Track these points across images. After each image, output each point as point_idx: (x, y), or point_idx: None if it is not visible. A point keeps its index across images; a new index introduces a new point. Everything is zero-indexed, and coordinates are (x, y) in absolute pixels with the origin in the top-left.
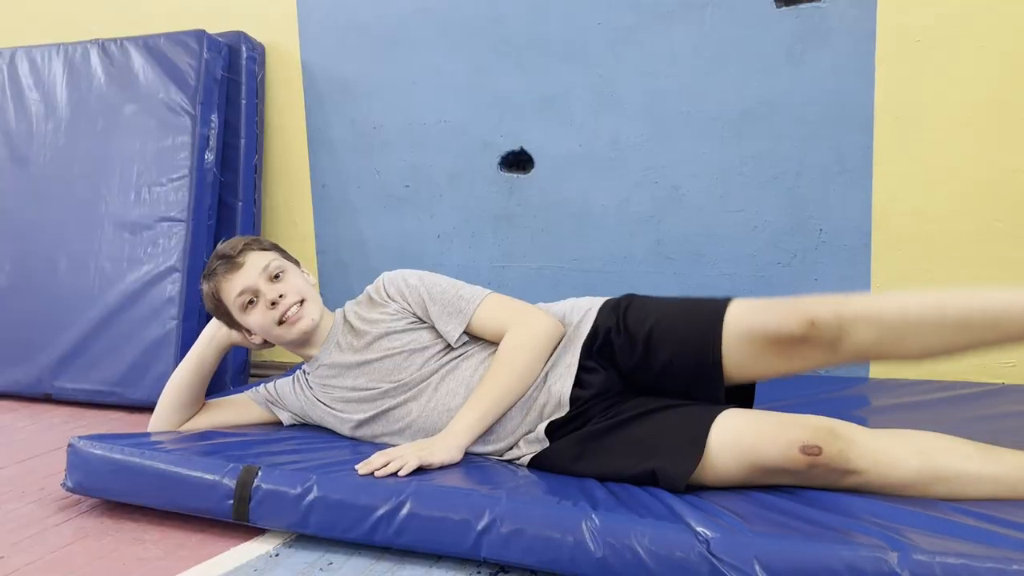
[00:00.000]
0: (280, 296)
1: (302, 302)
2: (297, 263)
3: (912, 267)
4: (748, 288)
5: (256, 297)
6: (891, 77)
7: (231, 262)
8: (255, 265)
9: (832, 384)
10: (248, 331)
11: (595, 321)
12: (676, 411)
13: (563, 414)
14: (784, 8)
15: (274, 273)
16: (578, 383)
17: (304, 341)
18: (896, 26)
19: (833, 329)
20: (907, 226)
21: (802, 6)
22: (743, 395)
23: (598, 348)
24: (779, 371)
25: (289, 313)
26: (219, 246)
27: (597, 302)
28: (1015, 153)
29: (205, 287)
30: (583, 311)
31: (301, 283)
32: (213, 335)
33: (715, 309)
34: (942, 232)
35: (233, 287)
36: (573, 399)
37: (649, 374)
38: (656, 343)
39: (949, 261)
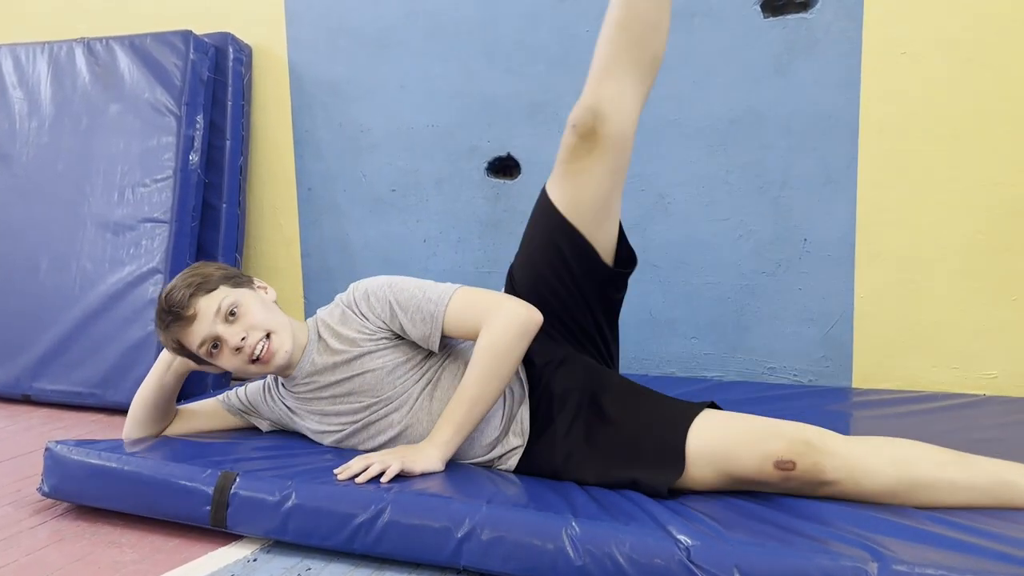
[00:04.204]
0: (242, 340)
1: (268, 335)
2: (250, 281)
3: (895, 277)
4: (732, 296)
5: (219, 342)
6: (877, 88)
7: (181, 319)
8: (206, 313)
9: (814, 396)
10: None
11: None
12: (652, 412)
13: (526, 392)
14: (771, 19)
15: (229, 311)
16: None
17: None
18: (882, 38)
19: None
20: (891, 237)
21: (789, 17)
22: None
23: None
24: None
25: (258, 352)
26: (163, 295)
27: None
28: (998, 165)
29: (163, 337)
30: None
31: (261, 314)
32: (170, 363)
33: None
34: (925, 243)
35: (192, 340)
36: (530, 379)
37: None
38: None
39: (931, 272)
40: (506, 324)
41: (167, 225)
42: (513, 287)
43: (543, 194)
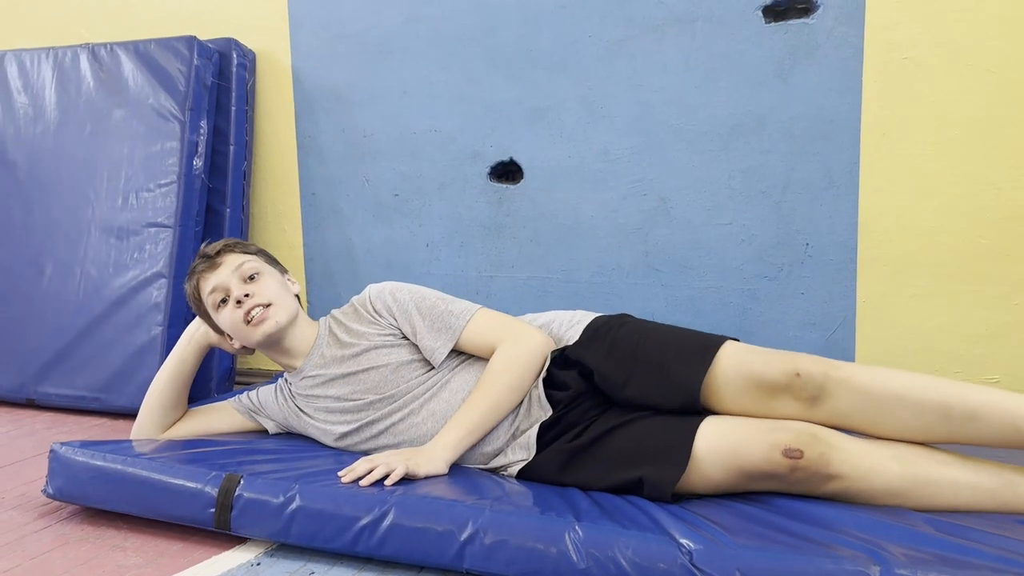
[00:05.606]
0: (246, 295)
1: (268, 305)
2: (284, 271)
3: (897, 282)
4: (735, 300)
5: (228, 296)
6: (878, 93)
7: (209, 261)
8: (230, 265)
9: None
10: (228, 335)
11: (583, 332)
12: (660, 418)
13: (546, 416)
14: (773, 24)
15: (248, 274)
16: (555, 384)
17: (272, 344)
18: (884, 43)
19: (816, 386)
20: (892, 241)
21: (791, 22)
22: None
23: (578, 354)
24: (752, 416)
25: (253, 313)
26: (203, 246)
27: (588, 316)
28: (1000, 170)
29: (187, 286)
30: (571, 323)
31: (274, 288)
32: (192, 335)
33: (710, 344)
34: (927, 248)
35: (207, 284)
36: (554, 402)
37: (626, 387)
38: (643, 361)
39: (933, 277)
40: (533, 346)
41: (171, 230)
42: (615, 334)
43: (717, 345)
